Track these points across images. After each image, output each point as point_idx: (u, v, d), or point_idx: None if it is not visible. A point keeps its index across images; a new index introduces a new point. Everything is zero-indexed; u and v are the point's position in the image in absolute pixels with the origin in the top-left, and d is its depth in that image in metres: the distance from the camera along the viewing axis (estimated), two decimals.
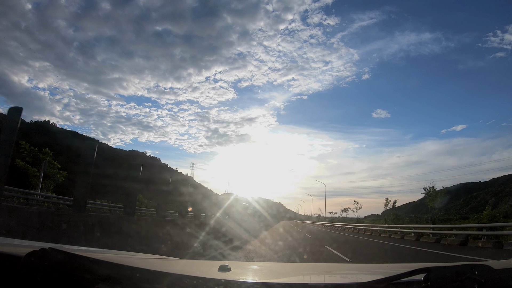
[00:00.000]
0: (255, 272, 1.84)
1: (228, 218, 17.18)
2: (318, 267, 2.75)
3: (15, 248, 1.26)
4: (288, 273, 1.88)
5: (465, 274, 0.94)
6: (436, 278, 0.94)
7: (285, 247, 11.84)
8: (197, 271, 1.58)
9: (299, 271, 2.00)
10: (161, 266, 1.65)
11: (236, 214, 21.17)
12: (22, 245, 1.55)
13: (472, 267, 0.96)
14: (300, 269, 2.27)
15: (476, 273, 0.94)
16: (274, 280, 1.51)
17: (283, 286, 1.17)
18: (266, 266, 2.58)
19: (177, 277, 1.03)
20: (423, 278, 0.95)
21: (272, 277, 1.72)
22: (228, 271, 1.34)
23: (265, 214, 33.98)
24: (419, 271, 0.98)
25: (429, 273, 0.95)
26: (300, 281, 1.50)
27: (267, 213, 35.70)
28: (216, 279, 1.01)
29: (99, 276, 0.93)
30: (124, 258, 1.66)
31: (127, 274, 0.98)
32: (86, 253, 1.28)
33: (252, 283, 1.04)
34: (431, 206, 36.91)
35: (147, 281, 0.96)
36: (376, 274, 1.65)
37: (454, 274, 0.95)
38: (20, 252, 0.98)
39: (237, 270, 1.66)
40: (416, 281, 0.99)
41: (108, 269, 0.98)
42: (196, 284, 0.97)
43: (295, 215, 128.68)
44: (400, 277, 0.99)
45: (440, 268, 0.99)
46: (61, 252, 0.96)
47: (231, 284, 1.00)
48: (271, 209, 49.65)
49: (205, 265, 2.11)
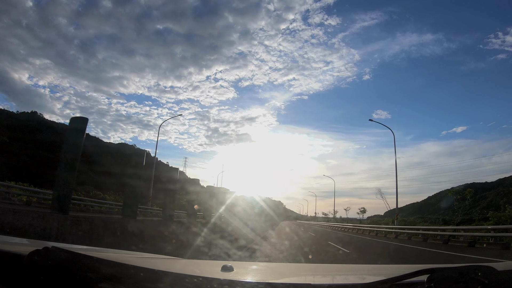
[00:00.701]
0: (258, 272, 1.84)
1: (233, 216, 17.01)
2: (321, 267, 2.74)
3: (18, 247, 1.28)
4: (291, 274, 1.88)
5: (469, 275, 0.93)
6: (439, 279, 0.93)
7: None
8: (200, 271, 1.59)
9: (302, 272, 1.99)
10: (164, 265, 1.66)
11: (241, 213, 21.00)
12: (26, 243, 1.57)
13: (475, 268, 0.95)
14: (303, 269, 2.26)
15: (479, 274, 0.93)
16: (277, 281, 1.51)
17: (286, 286, 1.17)
18: (269, 266, 2.57)
19: (180, 276, 1.03)
20: (426, 279, 0.95)
21: (275, 277, 1.71)
22: (231, 271, 1.34)
23: (271, 212, 33.79)
24: (422, 272, 0.97)
25: (432, 274, 0.95)
26: (303, 282, 1.50)
27: (272, 212, 35.51)
28: (219, 279, 1.01)
29: (102, 275, 0.94)
30: (128, 258, 1.67)
31: (131, 273, 0.98)
32: (89, 252, 1.29)
33: (255, 283, 1.04)
34: (442, 206, 36.24)
35: (150, 280, 0.96)
36: (379, 275, 1.64)
37: (458, 275, 0.94)
38: (24, 250, 0.99)
39: (240, 270, 1.66)
40: (419, 282, 0.98)
41: (112, 268, 0.99)
42: (199, 283, 0.97)
43: (297, 215, 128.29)
44: (403, 278, 0.98)
45: (443, 269, 0.98)
46: (64, 251, 0.97)
47: (234, 284, 1.00)
48: (272, 209, 49.24)
49: (208, 264, 2.12)
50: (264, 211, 30.95)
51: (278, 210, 64.16)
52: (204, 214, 19.62)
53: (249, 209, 25.18)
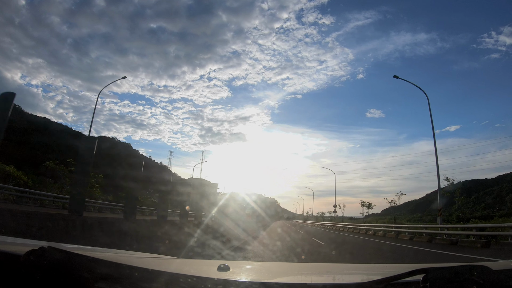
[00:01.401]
0: (254, 272, 1.84)
1: (224, 216, 16.89)
2: (316, 267, 2.75)
3: (14, 247, 1.26)
4: (287, 273, 1.88)
5: (464, 275, 0.94)
6: (434, 279, 0.94)
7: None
8: (196, 271, 1.58)
9: (298, 271, 2.00)
10: (160, 265, 1.65)
11: (233, 214, 20.89)
12: (22, 243, 1.54)
13: (470, 268, 0.96)
14: (298, 269, 2.27)
15: (474, 274, 0.95)
16: (273, 280, 1.51)
17: (282, 286, 1.17)
18: (265, 266, 2.58)
19: (176, 276, 1.03)
20: (421, 279, 0.95)
21: (270, 277, 1.72)
22: (227, 271, 1.35)
23: (262, 214, 33.49)
24: (417, 272, 0.98)
25: (427, 273, 0.96)
26: (299, 281, 1.50)
27: (264, 213, 35.17)
28: (215, 279, 1.01)
29: (98, 275, 0.93)
30: (123, 257, 1.66)
31: (126, 273, 0.98)
32: (85, 252, 1.28)
33: (251, 283, 1.04)
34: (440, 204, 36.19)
35: (146, 280, 0.96)
36: (375, 274, 1.65)
37: (453, 274, 0.95)
38: (20, 250, 0.98)
39: (235, 269, 1.66)
40: (414, 281, 0.99)
41: (107, 268, 0.98)
42: (195, 283, 0.97)
43: (290, 215, 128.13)
44: (399, 277, 0.99)
45: (438, 269, 0.99)
46: (60, 251, 0.96)
47: (230, 284, 1.00)
48: (267, 208, 48.94)
49: (204, 264, 2.11)
50: (256, 212, 30.73)
51: (270, 211, 63.64)
52: (196, 214, 19.57)
53: (240, 210, 25.01)
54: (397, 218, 61.26)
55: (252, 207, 31.21)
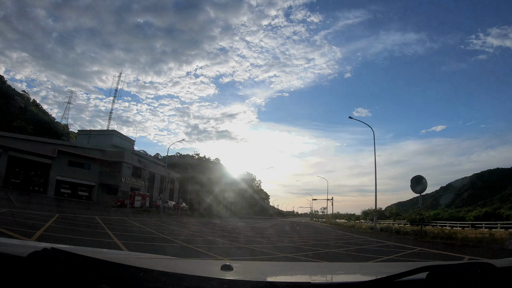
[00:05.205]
0: (258, 271, 1.84)
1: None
2: (321, 266, 2.75)
3: (17, 249, 1.26)
4: (290, 272, 1.88)
5: (468, 272, 0.94)
6: (438, 277, 0.94)
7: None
8: (200, 271, 1.59)
9: (302, 270, 2.00)
10: (164, 265, 1.65)
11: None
12: (25, 245, 1.55)
13: (474, 265, 0.96)
14: (303, 268, 2.27)
15: (478, 271, 0.94)
16: (277, 279, 1.51)
17: (286, 285, 1.17)
18: (269, 265, 2.58)
19: (180, 276, 1.02)
20: (425, 277, 0.95)
21: (274, 276, 1.71)
22: (231, 270, 1.35)
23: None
24: (421, 270, 0.97)
25: (431, 271, 0.95)
26: (304, 280, 1.50)
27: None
28: (220, 279, 1.01)
29: (102, 277, 0.93)
30: (127, 258, 1.66)
31: (130, 274, 0.98)
32: (88, 253, 1.28)
33: (256, 282, 1.04)
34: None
35: (150, 281, 0.96)
36: (378, 273, 1.65)
37: (457, 272, 0.94)
38: (23, 252, 0.98)
39: (239, 269, 1.66)
40: (419, 279, 0.99)
41: (111, 269, 0.98)
42: (200, 283, 0.97)
43: (277, 211, 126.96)
44: (403, 275, 0.99)
45: (442, 266, 0.99)
46: (63, 253, 0.96)
47: (234, 283, 1.00)
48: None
49: (207, 264, 2.12)
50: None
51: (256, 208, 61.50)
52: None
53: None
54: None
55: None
